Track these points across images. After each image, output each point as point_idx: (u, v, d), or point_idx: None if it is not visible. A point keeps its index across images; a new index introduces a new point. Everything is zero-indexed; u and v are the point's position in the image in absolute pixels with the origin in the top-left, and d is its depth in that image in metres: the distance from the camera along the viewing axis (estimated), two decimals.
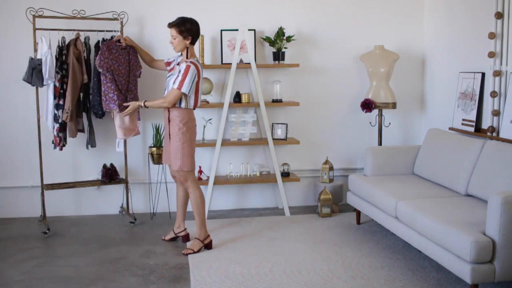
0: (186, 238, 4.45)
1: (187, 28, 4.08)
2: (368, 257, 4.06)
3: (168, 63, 4.35)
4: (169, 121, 4.15)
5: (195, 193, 4.22)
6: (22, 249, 4.32)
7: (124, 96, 4.67)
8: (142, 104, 4.24)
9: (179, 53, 4.25)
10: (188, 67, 4.00)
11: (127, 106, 4.42)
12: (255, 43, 5.25)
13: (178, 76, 4.04)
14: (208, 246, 4.26)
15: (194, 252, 4.15)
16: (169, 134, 4.17)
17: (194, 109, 4.20)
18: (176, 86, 4.01)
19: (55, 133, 4.67)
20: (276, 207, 5.52)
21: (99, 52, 4.54)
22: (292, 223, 4.92)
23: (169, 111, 4.13)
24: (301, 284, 3.58)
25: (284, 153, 5.48)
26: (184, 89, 3.99)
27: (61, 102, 4.65)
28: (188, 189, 4.24)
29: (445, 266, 3.37)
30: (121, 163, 5.16)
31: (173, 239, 4.50)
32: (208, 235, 4.28)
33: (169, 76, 4.19)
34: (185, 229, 4.48)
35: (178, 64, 4.22)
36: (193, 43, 4.16)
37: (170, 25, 4.11)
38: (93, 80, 4.72)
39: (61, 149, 4.74)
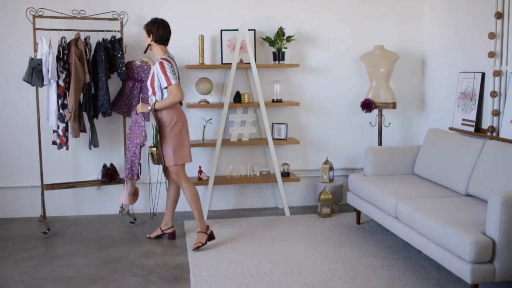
0: (173, 235, 4.48)
1: (148, 28, 4.23)
2: (368, 257, 4.06)
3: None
4: (159, 120, 4.18)
5: (188, 188, 4.25)
6: (22, 249, 4.32)
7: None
8: (153, 107, 4.14)
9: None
10: (161, 63, 4.11)
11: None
12: (255, 43, 5.24)
13: (157, 76, 4.13)
14: (211, 236, 4.27)
15: (204, 244, 4.19)
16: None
17: (181, 103, 4.26)
18: (165, 84, 4.08)
19: (61, 133, 4.67)
20: (276, 207, 5.51)
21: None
22: (292, 223, 4.92)
23: (156, 111, 4.16)
24: (301, 284, 3.58)
25: (284, 153, 5.48)
26: (173, 81, 4.08)
27: (65, 102, 4.65)
28: (181, 185, 4.26)
29: (445, 266, 3.37)
30: (121, 163, 5.15)
31: (159, 237, 4.51)
32: (208, 226, 4.30)
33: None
34: (172, 226, 4.50)
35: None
36: (158, 42, 4.22)
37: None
38: (102, 80, 4.71)
39: (67, 149, 4.74)
